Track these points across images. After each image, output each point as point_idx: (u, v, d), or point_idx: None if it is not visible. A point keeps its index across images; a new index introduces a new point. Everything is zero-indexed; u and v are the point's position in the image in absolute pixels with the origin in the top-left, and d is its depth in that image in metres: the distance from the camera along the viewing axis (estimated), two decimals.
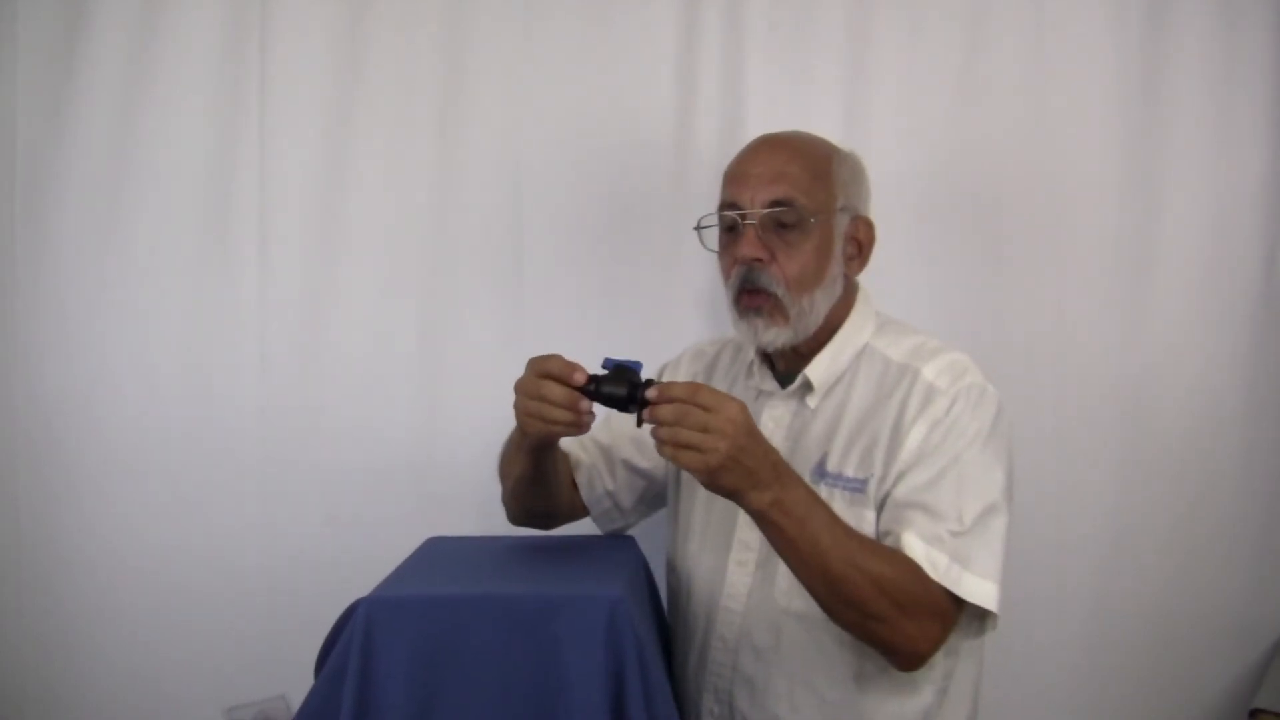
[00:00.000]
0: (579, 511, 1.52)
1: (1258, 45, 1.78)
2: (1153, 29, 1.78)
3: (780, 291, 1.30)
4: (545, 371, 1.21)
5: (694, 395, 1.12)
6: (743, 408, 1.13)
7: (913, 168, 1.76)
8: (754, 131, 1.45)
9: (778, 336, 1.31)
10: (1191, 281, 1.80)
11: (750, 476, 1.12)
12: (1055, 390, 1.78)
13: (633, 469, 1.49)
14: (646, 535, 1.59)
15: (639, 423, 1.17)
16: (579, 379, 1.20)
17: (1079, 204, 1.79)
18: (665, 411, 1.12)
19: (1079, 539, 1.79)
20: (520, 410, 1.24)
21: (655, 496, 1.53)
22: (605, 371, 1.20)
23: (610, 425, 1.48)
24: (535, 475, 1.39)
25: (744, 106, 1.78)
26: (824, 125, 1.44)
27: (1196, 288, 1.80)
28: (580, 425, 1.23)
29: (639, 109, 1.79)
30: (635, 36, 1.78)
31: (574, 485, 1.51)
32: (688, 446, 1.11)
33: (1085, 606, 1.80)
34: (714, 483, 1.13)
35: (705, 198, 1.42)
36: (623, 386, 1.18)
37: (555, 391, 1.20)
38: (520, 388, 1.24)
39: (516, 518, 1.50)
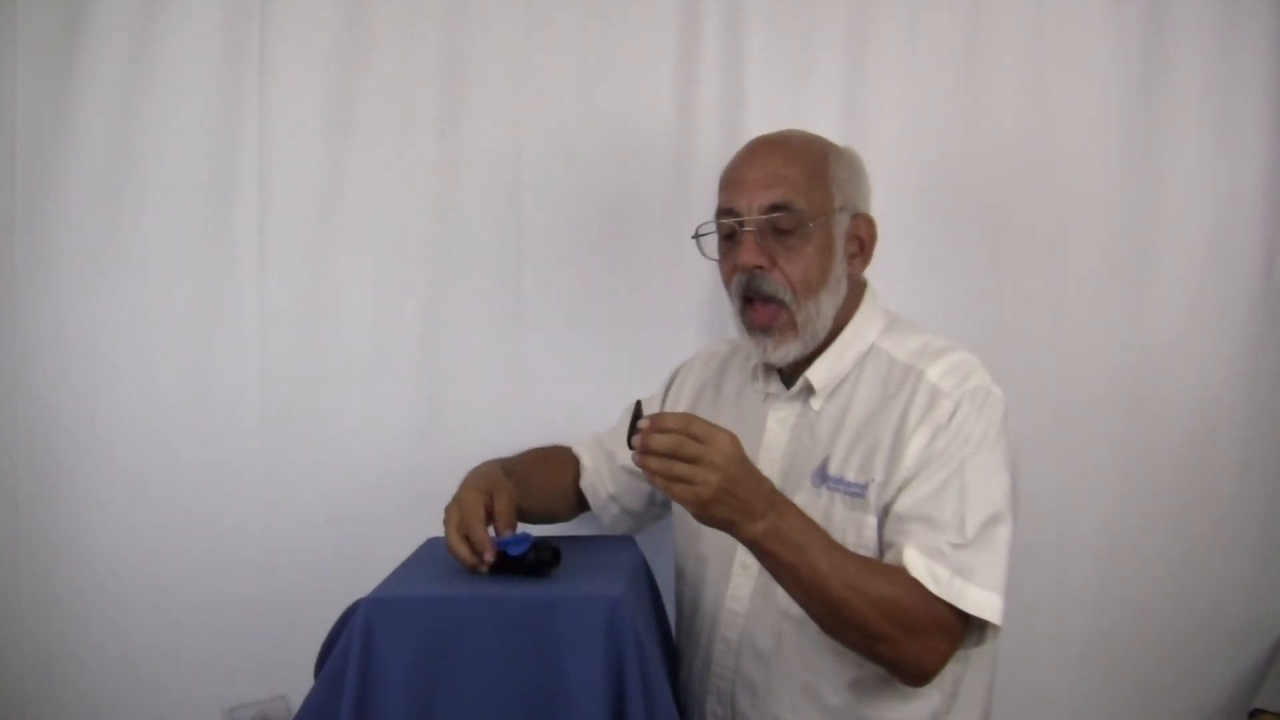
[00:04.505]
0: (572, 514, 1.53)
1: (1258, 45, 1.79)
2: (1153, 29, 1.79)
3: (787, 297, 1.29)
4: (462, 536, 1.26)
5: (686, 427, 1.11)
6: (734, 439, 1.12)
7: (912, 168, 1.76)
8: (754, 131, 1.45)
9: (788, 353, 1.31)
10: (1191, 281, 1.80)
11: (743, 508, 1.12)
12: (1055, 390, 1.78)
13: (633, 474, 1.49)
14: (647, 535, 1.59)
15: (630, 445, 1.15)
16: (489, 559, 1.24)
17: (1079, 204, 1.79)
18: (658, 442, 1.10)
19: (1079, 538, 1.79)
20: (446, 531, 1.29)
21: (666, 500, 1.52)
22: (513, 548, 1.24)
23: (617, 431, 1.48)
24: None
25: (744, 106, 1.78)
26: (824, 125, 1.44)
27: (1196, 288, 1.80)
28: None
29: (639, 109, 1.79)
30: (635, 37, 1.78)
31: (573, 491, 1.53)
32: (679, 479, 1.10)
33: (1085, 606, 1.80)
34: (706, 515, 1.12)
35: (705, 197, 1.42)
36: (529, 557, 1.22)
37: (462, 551, 1.26)
38: (448, 523, 1.28)
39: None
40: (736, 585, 1.34)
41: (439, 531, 1.51)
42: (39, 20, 1.74)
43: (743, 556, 1.33)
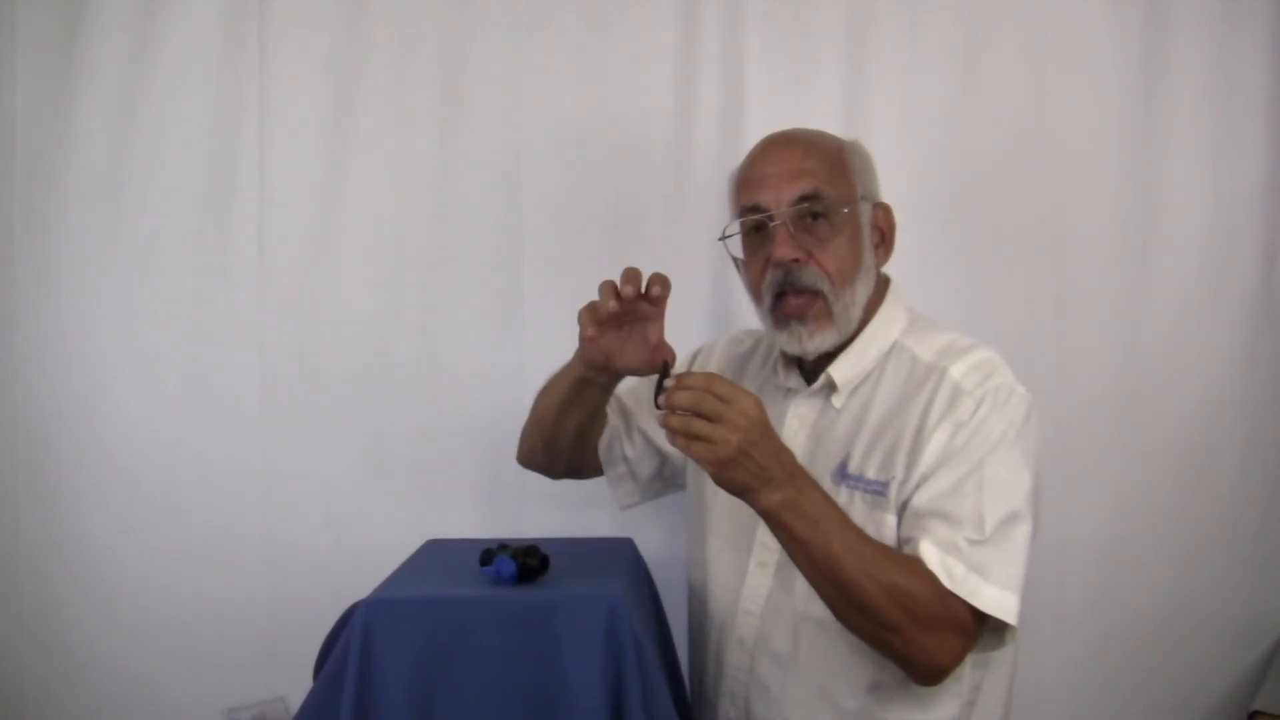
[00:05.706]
0: (591, 468, 1.51)
1: (1258, 45, 1.79)
2: (1153, 29, 1.79)
3: (825, 287, 1.26)
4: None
5: (710, 385, 1.09)
6: (758, 402, 1.10)
7: (912, 168, 1.76)
8: (754, 132, 1.45)
9: (823, 341, 1.28)
10: (1191, 281, 1.80)
11: (761, 474, 1.10)
12: (1055, 390, 1.78)
13: (649, 441, 1.47)
14: (648, 535, 1.59)
15: (656, 404, 1.14)
16: (617, 301, 1.23)
17: (1079, 205, 1.79)
18: (680, 398, 1.09)
19: (1079, 539, 1.79)
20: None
21: (672, 476, 1.50)
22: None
23: (637, 393, 1.47)
24: (568, 399, 1.38)
25: (744, 107, 1.78)
26: (824, 125, 1.43)
27: (1196, 288, 1.80)
28: (603, 313, 1.25)
29: (639, 109, 1.79)
30: (635, 38, 1.78)
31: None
32: (699, 437, 1.08)
33: (1085, 607, 1.81)
34: (723, 476, 1.10)
35: (705, 197, 1.42)
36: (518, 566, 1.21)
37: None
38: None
39: (529, 451, 1.49)
40: (752, 585, 1.31)
41: (439, 532, 1.53)
42: (39, 20, 1.74)
43: (759, 555, 1.30)
